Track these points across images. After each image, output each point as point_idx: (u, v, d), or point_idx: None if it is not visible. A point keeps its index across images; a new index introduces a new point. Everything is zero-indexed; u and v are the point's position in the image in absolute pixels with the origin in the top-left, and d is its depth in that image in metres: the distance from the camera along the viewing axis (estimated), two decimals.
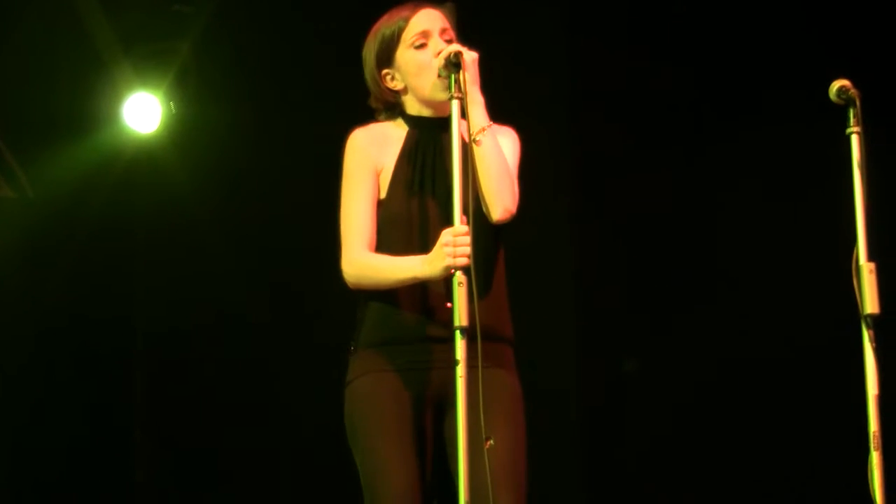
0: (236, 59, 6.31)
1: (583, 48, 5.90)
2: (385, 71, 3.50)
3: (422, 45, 3.45)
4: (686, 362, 5.62)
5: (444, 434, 3.36)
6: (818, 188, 4.76)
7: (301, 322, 6.18)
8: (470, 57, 3.32)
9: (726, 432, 5.56)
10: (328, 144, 3.69)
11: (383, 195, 3.43)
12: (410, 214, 3.38)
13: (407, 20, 3.47)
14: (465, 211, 3.18)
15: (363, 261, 3.37)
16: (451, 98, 3.25)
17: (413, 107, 3.51)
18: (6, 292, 6.13)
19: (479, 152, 3.29)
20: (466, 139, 3.28)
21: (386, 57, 3.49)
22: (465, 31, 3.53)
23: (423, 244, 3.31)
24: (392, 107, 3.53)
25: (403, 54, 3.46)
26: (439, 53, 3.36)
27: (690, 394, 5.60)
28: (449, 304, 3.22)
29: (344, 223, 3.42)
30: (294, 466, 6.23)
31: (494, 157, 3.32)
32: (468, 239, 3.16)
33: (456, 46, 3.34)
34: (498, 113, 3.39)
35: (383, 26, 3.51)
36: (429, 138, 3.45)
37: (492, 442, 3.12)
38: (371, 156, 3.44)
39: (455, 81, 3.24)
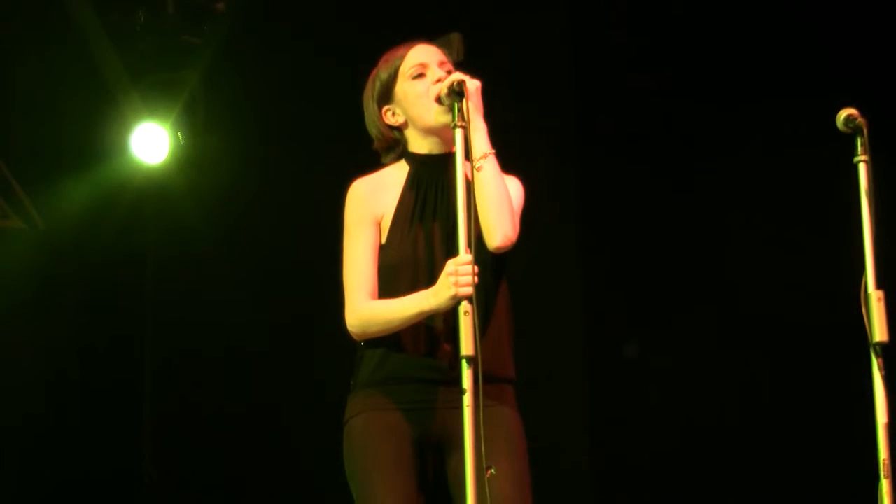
0: (244, 89, 6.33)
1: (587, 75, 5.92)
2: (385, 108, 3.51)
3: (420, 76, 3.46)
4: (692, 393, 5.61)
5: (448, 471, 3.34)
6: (826, 214, 4.75)
7: (308, 352, 6.17)
8: (473, 85, 3.32)
9: (735, 475, 5.54)
10: (336, 175, 3.70)
11: (384, 240, 3.42)
12: (412, 254, 3.37)
13: (403, 56, 3.49)
14: (468, 242, 3.17)
15: (367, 308, 3.36)
16: (454, 126, 3.24)
17: (415, 142, 3.50)
18: (16, 322, 6.13)
19: (479, 178, 3.28)
20: (469, 172, 3.27)
21: (385, 93, 3.50)
22: (468, 62, 3.53)
23: (428, 281, 3.29)
24: (395, 145, 3.52)
25: (402, 87, 3.47)
26: (438, 81, 3.38)
27: (700, 427, 5.59)
28: (447, 346, 3.25)
29: (346, 276, 3.42)
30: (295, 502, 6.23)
31: (495, 183, 3.31)
32: (472, 268, 3.15)
33: (459, 75, 3.33)
34: (501, 141, 3.38)
35: (381, 67, 3.53)
36: (430, 176, 3.45)
37: (493, 471, 3.09)
38: (370, 206, 3.45)
39: (458, 110, 3.24)
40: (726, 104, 5.64)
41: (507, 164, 3.39)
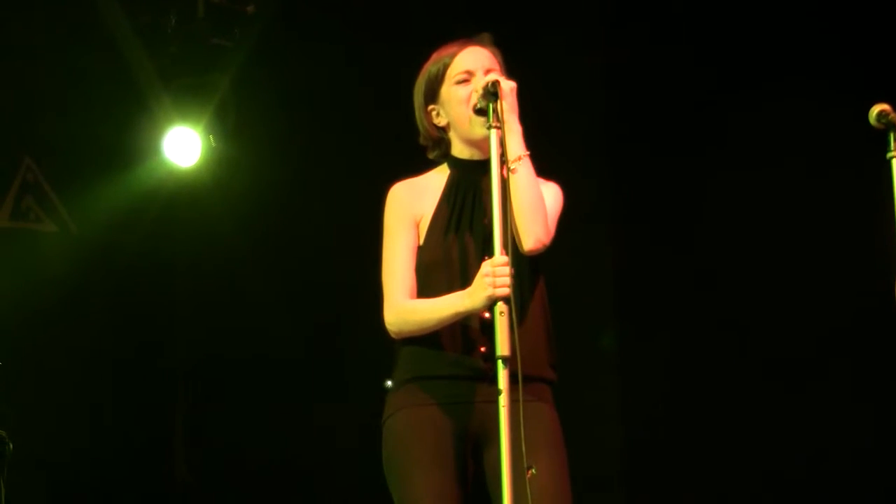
0: (275, 92, 6.34)
1: (618, 73, 5.92)
2: (431, 107, 3.51)
3: (464, 81, 3.45)
4: (724, 392, 5.60)
5: (485, 467, 3.34)
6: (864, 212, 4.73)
7: (341, 356, 6.18)
8: (508, 86, 3.30)
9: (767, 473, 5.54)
10: (368, 178, 3.70)
11: (421, 241, 3.43)
12: (449, 255, 3.37)
13: (453, 57, 3.48)
14: (504, 243, 3.17)
15: (405, 307, 3.37)
16: (489, 127, 3.25)
17: (457, 146, 3.51)
18: (48, 325, 6.15)
19: (513, 181, 3.28)
20: (505, 174, 3.27)
21: (432, 93, 3.50)
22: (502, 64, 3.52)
23: (463, 283, 3.30)
24: (439, 144, 3.53)
25: (447, 90, 3.47)
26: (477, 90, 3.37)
27: (733, 427, 5.58)
28: (483, 349, 3.27)
29: (385, 275, 3.43)
30: None
31: (528, 186, 3.31)
32: (508, 269, 3.15)
33: (493, 76, 3.34)
34: (533, 139, 3.38)
35: (431, 64, 3.52)
36: (469, 180, 3.45)
37: (534, 471, 3.10)
38: (409, 207, 3.45)
39: (493, 111, 3.24)
40: (760, 101, 5.63)
41: (541, 164, 3.39)
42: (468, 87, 3.43)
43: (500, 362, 3.08)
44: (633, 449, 5.80)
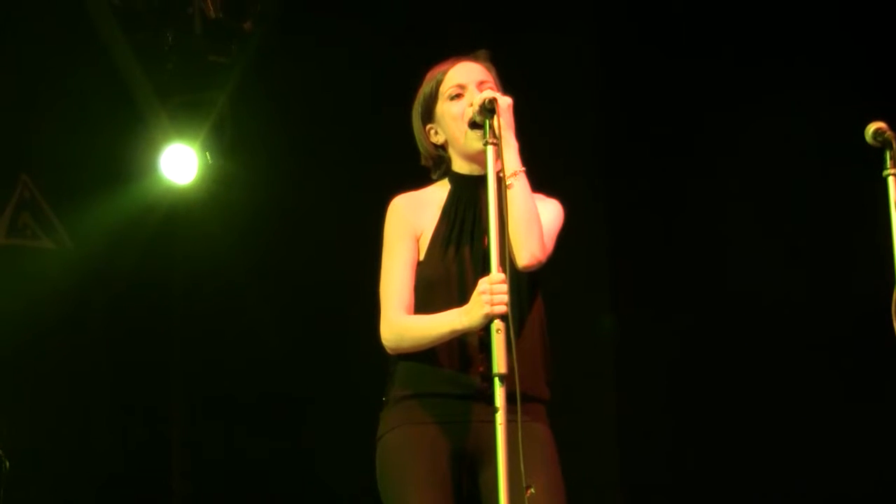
0: (272, 109, 6.34)
1: (614, 73, 5.92)
2: (429, 126, 3.52)
3: (457, 97, 3.46)
4: (724, 406, 5.59)
5: (481, 488, 3.32)
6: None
7: (340, 371, 6.17)
8: (504, 102, 3.31)
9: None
10: (365, 194, 3.70)
11: (422, 256, 3.42)
12: (448, 272, 3.36)
13: (445, 73, 3.49)
14: (501, 260, 3.16)
15: (401, 323, 3.35)
16: (485, 143, 3.24)
17: (457, 162, 3.51)
18: (45, 342, 6.14)
19: (509, 197, 3.26)
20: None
21: (428, 112, 3.51)
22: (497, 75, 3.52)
23: (461, 300, 3.28)
24: (441, 162, 3.53)
25: (441, 106, 3.48)
26: (472, 105, 3.37)
27: (735, 432, 5.57)
28: (481, 368, 3.25)
29: (383, 289, 3.41)
30: None
31: (524, 202, 3.30)
32: (505, 287, 3.14)
33: (490, 92, 3.34)
34: (530, 153, 3.37)
35: (425, 83, 3.54)
36: (469, 196, 3.45)
37: (532, 490, 3.08)
38: (410, 221, 3.45)
39: (490, 127, 3.24)
40: (760, 99, 5.63)
41: (538, 178, 3.38)
42: (461, 102, 3.43)
43: (496, 380, 3.07)
44: (631, 466, 5.79)
